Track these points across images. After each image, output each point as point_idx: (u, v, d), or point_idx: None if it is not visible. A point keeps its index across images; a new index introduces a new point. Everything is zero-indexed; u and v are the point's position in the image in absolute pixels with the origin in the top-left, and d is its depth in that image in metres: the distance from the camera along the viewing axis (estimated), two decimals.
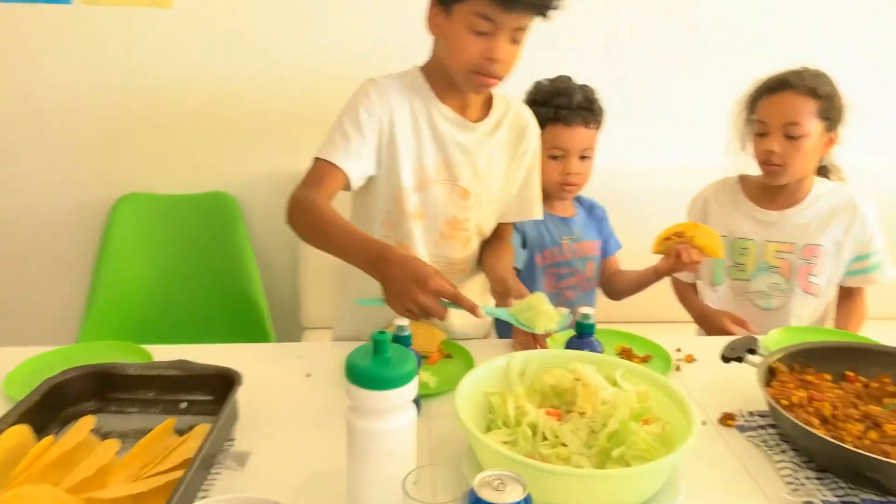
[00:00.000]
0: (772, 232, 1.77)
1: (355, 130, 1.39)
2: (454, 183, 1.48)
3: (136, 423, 1.16)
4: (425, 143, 1.45)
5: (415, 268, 1.14)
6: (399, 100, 1.43)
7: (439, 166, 1.47)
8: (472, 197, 1.50)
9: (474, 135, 1.48)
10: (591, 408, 1.03)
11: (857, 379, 1.25)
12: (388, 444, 0.86)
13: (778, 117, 1.66)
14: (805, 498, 1.00)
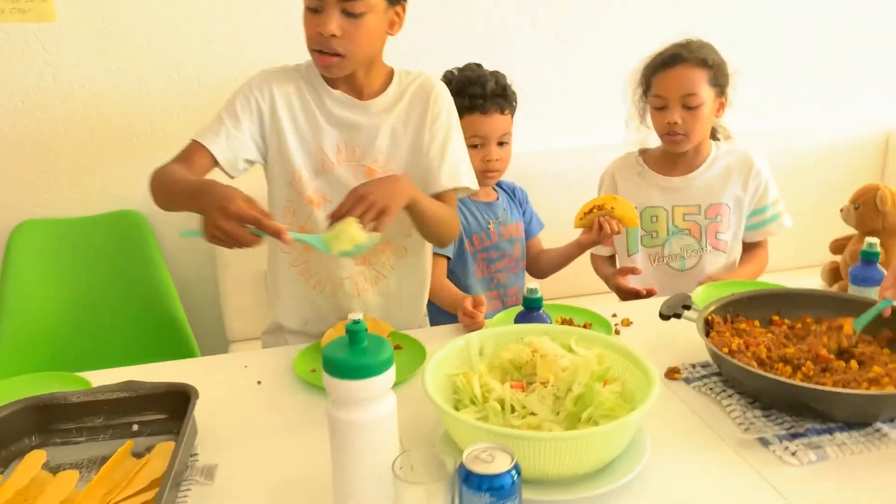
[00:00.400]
0: (677, 197, 1.86)
1: (230, 116, 1.42)
2: (357, 163, 1.48)
3: (86, 452, 1.11)
4: (321, 127, 1.46)
5: (221, 193, 1.14)
6: (286, 87, 1.46)
7: (338, 149, 1.47)
8: (377, 174, 1.48)
9: (370, 113, 1.47)
10: (552, 376, 1.06)
11: (782, 322, 1.34)
12: (373, 433, 0.86)
13: (675, 90, 1.75)
14: (757, 434, 1.07)
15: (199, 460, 1.08)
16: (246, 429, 1.17)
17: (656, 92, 1.78)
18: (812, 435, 1.07)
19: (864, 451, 1.04)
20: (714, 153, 1.87)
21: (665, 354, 1.33)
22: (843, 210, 1.59)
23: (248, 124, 1.43)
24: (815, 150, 2.56)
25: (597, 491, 0.94)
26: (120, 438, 1.13)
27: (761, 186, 1.85)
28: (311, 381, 1.28)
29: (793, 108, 2.64)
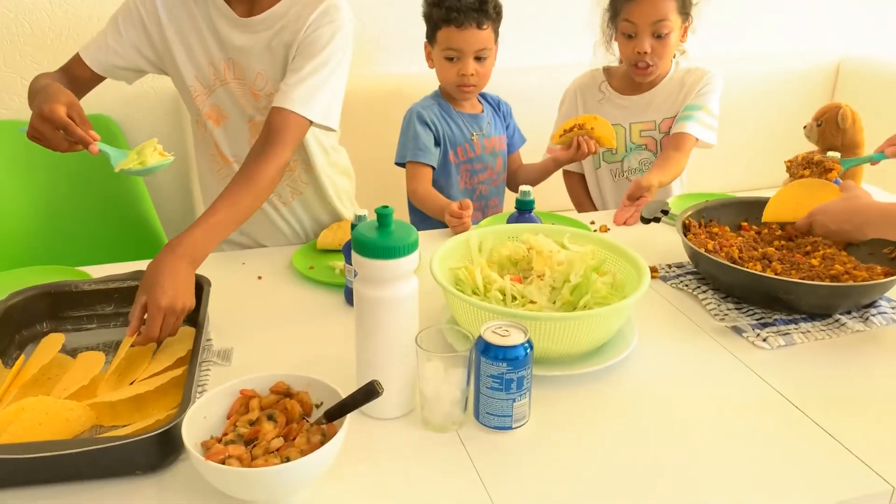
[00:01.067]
0: (635, 114, 1.93)
1: (111, 30, 1.41)
2: (242, 83, 1.44)
3: (98, 337, 1.15)
4: (207, 42, 1.42)
5: (46, 95, 1.15)
6: (175, 2, 1.40)
7: (224, 66, 1.43)
8: (262, 98, 1.44)
9: (248, 31, 1.40)
10: (548, 270, 1.14)
11: (750, 227, 1.45)
12: (399, 309, 0.92)
13: (646, 17, 1.78)
14: (731, 323, 1.18)
15: (213, 344, 1.13)
16: (253, 317, 1.22)
17: (627, 17, 1.79)
18: (780, 324, 1.18)
19: (825, 338, 1.16)
20: (672, 72, 1.92)
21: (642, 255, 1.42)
22: (806, 127, 1.69)
23: (129, 40, 1.40)
24: (771, 76, 2.66)
25: (593, 368, 1.04)
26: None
27: (704, 90, 1.88)
28: (311, 277, 1.34)
29: (751, 36, 2.73)
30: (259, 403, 0.88)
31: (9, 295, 1.12)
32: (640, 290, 1.05)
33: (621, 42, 1.85)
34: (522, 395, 0.92)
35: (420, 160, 1.76)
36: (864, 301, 1.21)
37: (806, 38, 2.81)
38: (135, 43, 1.41)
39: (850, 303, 1.20)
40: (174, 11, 1.40)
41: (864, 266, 1.27)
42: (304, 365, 1.07)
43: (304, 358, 1.10)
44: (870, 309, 1.22)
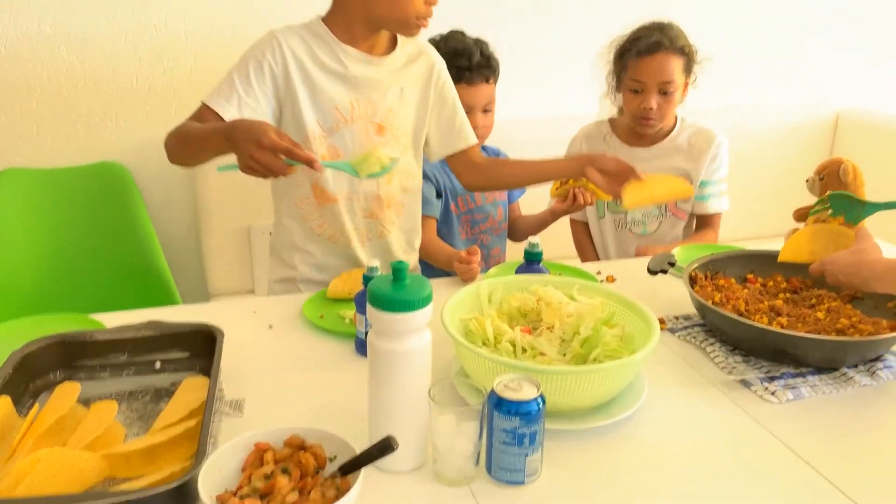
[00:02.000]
0: (641, 166, 1.94)
1: (241, 81, 1.45)
2: (369, 120, 1.54)
3: (111, 387, 1.16)
4: (335, 85, 1.51)
5: (253, 127, 1.22)
6: (298, 47, 1.49)
7: (351, 105, 1.52)
8: (387, 132, 1.56)
9: (383, 69, 1.54)
10: (558, 322, 1.15)
11: (756, 280, 1.46)
12: (412, 362, 0.93)
13: (654, 77, 1.83)
14: (739, 376, 1.19)
15: (225, 395, 1.14)
16: (265, 367, 1.23)
17: (635, 76, 1.85)
18: (788, 378, 1.19)
19: (833, 392, 1.16)
20: (678, 128, 1.97)
21: (649, 307, 1.43)
22: (808, 180, 1.72)
23: (260, 90, 1.46)
24: (771, 128, 2.71)
25: (604, 422, 1.04)
26: (143, 375, 1.18)
27: (716, 161, 1.95)
28: (322, 326, 1.35)
29: (752, 88, 2.78)
30: (273, 457, 0.89)
31: (25, 344, 1.13)
32: (651, 344, 1.06)
33: (627, 97, 1.89)
34: (535, 450, 0.93)
35: (423, 213, 1.80)
36: (870, 355, 1.22)
37: (805, 90, 2.86)
38: (265, 93, 1.47)
39: (857, 357, 1.21)
40: (300, 59, 1.48)
41: (869, 320, 1.28)
42: (315, 416, 1.09)
43: (315, 408, 1.11)
44: (876, 363, 1.23)
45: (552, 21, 2.51)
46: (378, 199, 1.61)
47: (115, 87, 2.14)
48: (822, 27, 2.82)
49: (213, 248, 2.23)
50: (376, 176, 1.32)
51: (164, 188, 2.26)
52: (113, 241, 2.14)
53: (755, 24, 2.73)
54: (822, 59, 2.86)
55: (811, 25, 2.81)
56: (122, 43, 2.10)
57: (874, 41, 2.90)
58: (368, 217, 1.61)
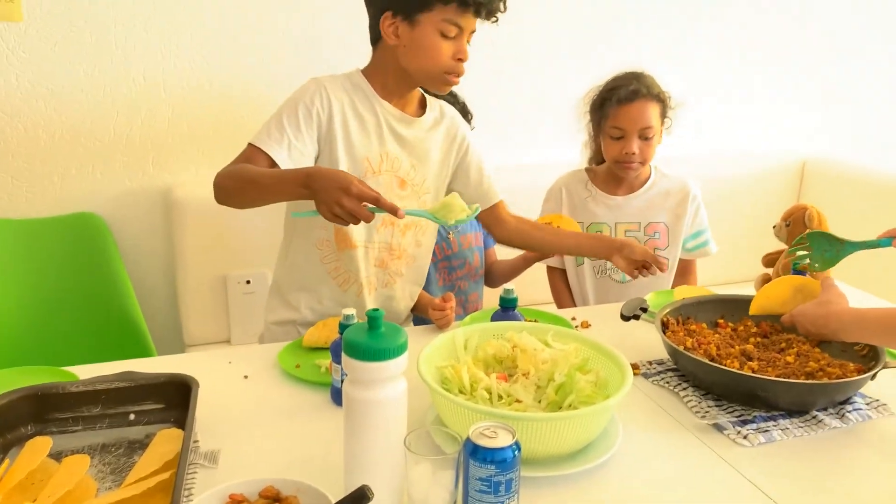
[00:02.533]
0: (620, 214, 2.01)
1: (291, 125, 1.48)
2: (394, 173, 1.58)
3: (84, 440, 1.14)
4: (369, 137, 1.55)
5: (338, 176, 1.26)
6: (341, 97, 1.54)
7: (381, 158, 1.57)
8: (408, 186, 1.61)
9: (415, 129, 1.61)
10: (533, 368, 1.16)
11: (726, 325, 1.49)
12: (387, 411, 0.94)
13: (634, 124, 1.89)
14: (713, 421, 1.20)
15: (200, 446, 1.13)
16: (240, 418, 1.22)
17: (616, 124, 1.91)
18: (760, 421, 1.20)
19: (804, 434, 1.18)
20: (654, 176, 2.03)
21: (623, 353, 1.45)
22: (775, 227, 1.76)
23: (308, 135, 1.49)
24: (739, 175, 2.78)
25: (579, 468, 1.05)
26: (117, 427, 1.17)
27: (698, 212, 2.02)
28: (297, 376, 1.35)
29: (720, 137, 2.86)
30: None
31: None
32: (624, 389, 1.07)
33: (608, 143, 1.94)
34: (511, 497, 0.93)
35: None
36: (839, 398, 1.24)
37: (773, 138, 2.95)
38: (312, 138, 1.51)
39: (826, 399, 1.23)
40: (343, 108, 1.53)
41: (836, 363, 1.31)
42: (291, 466, 1.08)
43: (291, 459, 1.10)
44: (845, 405, 1.25)
45: (522, 73, 2.57)
46: (390, 249, 1.64)
47: (92, 138, 2.15)
48: (790, 77, 2.91)
49: (189, 299, 2.22)
50: (462, 223, 1.34)
51: (140, 239, 2.25)
52: (89, 291, 2.13)
53: (724, 72, 2.82)
54: (790, 108, 2.95)
55: (779, 75, 2.90)
56: (99, 95, 2.12)
57: (841, 91, 2.99)
58: (379, 266, 1.64)
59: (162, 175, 2.23)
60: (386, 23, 1.49)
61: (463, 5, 1.44)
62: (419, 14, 1.45)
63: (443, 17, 1.45)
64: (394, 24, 1.48)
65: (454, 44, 1.48)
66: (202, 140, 2.24)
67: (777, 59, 2.87)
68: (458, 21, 1.45)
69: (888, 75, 3.03)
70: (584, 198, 2.03)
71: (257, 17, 2.21)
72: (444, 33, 1.46)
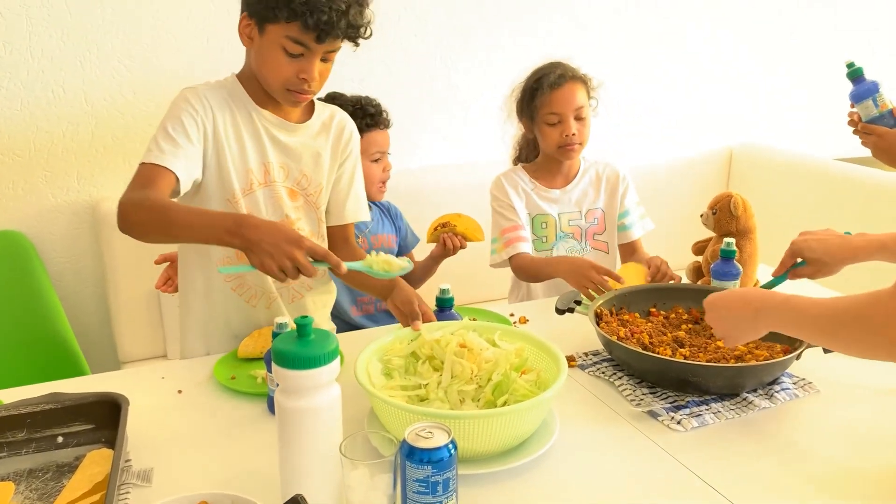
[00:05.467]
0: (560, 206, 2.04)
1: (181, 134, 1.39)
2: (282, 183, 1.52)
3: (9, 466, 1.10)
4: (248, 147, 1.48)
5: (285, 229, 1.22)
6: (219, 105, 1.46)
7: (265, 169, 1.50)
8: (300, 197, 1.55)
9: (298, 136, 1.53)
10: (476, 367, 1.17)
11: (658, 313, 1.52)
12: (321, 419, 0.93)
13: (569, 106, 1.92)
14: (647, 408, 1.23)
15: (132, 465, 1.10)
16: (174, 434, 1.20)
17: (552, 110, 1.92)
18: (692, 406, 1.23)
19: (735, 416, 1.21)
20: (584, 165, 2.06)
21: (560, 346, 1.46)
22: (702, 215, 1.80)
23: (198, 143, 1.42)
24: (668, 164, 2.84)
25: (517, 462, 1.06)
26: (44, 451, 1.13)
27: (626, 192, 2.04)
28: (233, 388, 1.33)
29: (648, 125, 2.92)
30: None
31: None
32: (557, 384, 1.08)
33: (546, 131, 1.95)
34: (449, 497, 0.93)
35: None
36: (767, 379, 1.28)
37: (701, 127, 3.02)
38: (199, 146, 1.42)
39: (755, 381, 1.27)
40: (224, 116, 1.46)
41: (764, 345, 1.35)
42: (228, 481, 1.06)
43: (228, 473, 1.08)
44: (774, 386, 1.29)
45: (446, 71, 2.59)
46: None
47: (10, 154, 2.07)
48: (717, 64, 2.99)
49: (122, 315, 2.16)
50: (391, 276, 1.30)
51: (67, 256, 2.18)
52: (16, 312, 2.05)
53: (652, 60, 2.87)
54: (718, 97, 3.02)
55: (707, 63, 2.97)
56: (16, 108, 2.05)
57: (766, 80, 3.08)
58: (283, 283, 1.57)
59: (88, 189, 2.17)
60: (243, 23, 1.43)
61: (304, 27, 1.35)
62: (266, 24, 1.38)
63: (286, 34, 1.36)
64: (249, 27, 1.42)
65: (299, 62, 1.39)
66: (129, 151, 2.19)
67: (704, 45, 2.94)
68: (304, 41, 1.37)
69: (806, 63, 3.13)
70: (526, 192, 2.04)
71: (177, 20, 2.16)
72: (288, 50, 1.38)
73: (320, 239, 1.60)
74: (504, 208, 2.02)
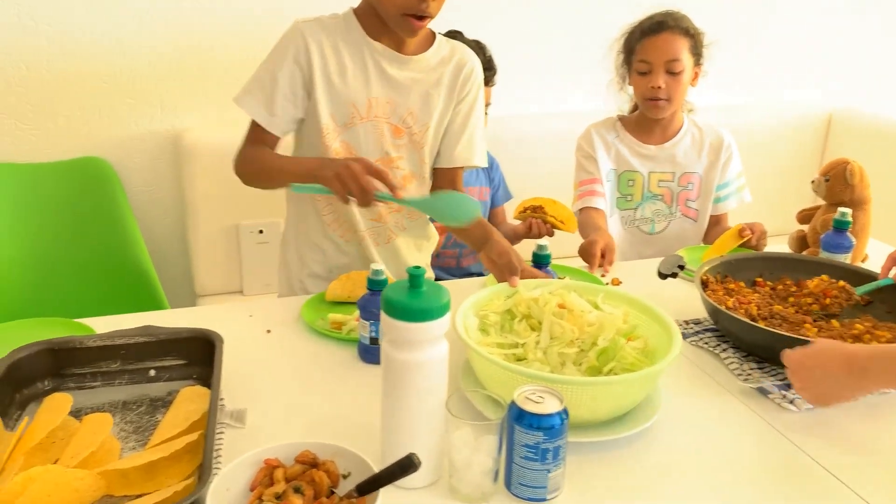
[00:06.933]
0: (653, 164, 1.94)
1: (272, 81, 1.43)
2: (386, 119, 1.48)
3: (103, 397, 1.10)
4: (353, 81, 1.45)
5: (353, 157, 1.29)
6: (321, 39, 1.43)
7: (370, 103, 1.46)
8: (404, 134, 1.50)
9: (410, 70, 1.47)
10: (578, 329, 1.11)
11: (765, 283, 1.43)
12: (429, 373, 0.89)
13: (660, 55, 1.81)
14: (756, 384, 1.16)
15: (225, 405, 1.08)
16: (264, 374, 1.18)
17: (642, 57, 1.83)
18: None
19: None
20: (686, 125, 1.95)
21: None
22: (813, 182, 1.69)
23: (291, 85, 1.43)
24: (763, 127, 2.69)
25: (623, 434, 1.00)
26: (137, 383, 1.12)
27: (730, 160, 1.94)
28: (321, 331, 1.30)
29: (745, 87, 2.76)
30: (284, 474, 0.84)
31: (11, 352, 1.07)
32: (672, 354, 1.02)
33: (636, 80, 1.86)
34: (558, 465, 0.88)
35: None
36: None
37: (798, 89, 2.85)
38: (295, 93, 1.45)
39: None
40: (322, 51, 1.43)
41: (884, 325, 1.26)
42: (321, 427, 1.04)
43: (320, 419, 1.06)
44: None
45: (548, 15, 2.47)
46: (386, 204, 1.53)
47: (96, 79, 2.06)
48: (816, 25, 2.80)
49: (201, 247, 2.16)
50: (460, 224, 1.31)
51: (148, 185, 2.18)
52: (96, 239, 2.07)
53: (748, 20, 2.71)
54: (817, 58, 2.84)
55: (806, 23, 2.79)
56: (101, 32, 2.02)
57: (868, 41, 2.89)
58: (375, 220, 1.55)
59: (170, 119, 2.15)
60: None
61: None
62: None
63: None
64: None
65: None
66: (212, 85, 2.15)
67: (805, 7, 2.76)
68: None
69: None
70: (615, 145, 1.95)
71: None
72: None
73: (422, 180, 1.56)
74: (586, 159, 1.95)
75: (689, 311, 1.40)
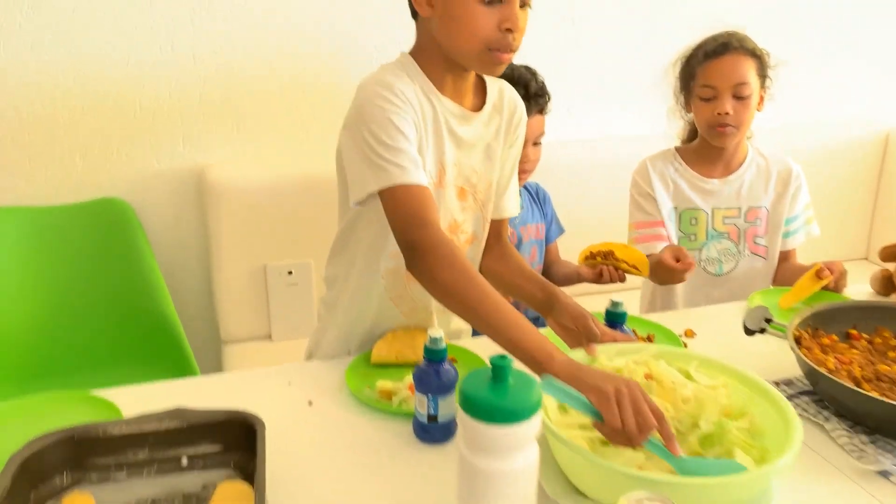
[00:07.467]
0: (717, 199, 1.79)
1: (403, 139, 1.16)
2: (452, 184, 1.30)
3: (129, 492, 0.96)
4: (429, 144, 1.25)
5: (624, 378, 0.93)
6: (413, 97, 1.22)
7: (440, 168, 1.28)
8: (469, 196, 1.33)
9: (473, 126, 1.29)
10: (671, 406, 0.97)
11: (860, 336, 1.28)
12: (515, 485, 0.75)
13: (726, 79, 1.67)
14: (875, 465, 1.01)
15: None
16: (311, 461, 1.04)
17: (706, 82, 1.69)
18: None
19: None
20: (751, 154, 1.81)
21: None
22: None
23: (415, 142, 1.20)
24: (817, 147, 2.54)
25: None
26: (168, 474, 0.99)
27: (798, 192, 1.80)
28: (369, 403, 1.16)
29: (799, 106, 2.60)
30: None
31: (27, 444, 0.93)
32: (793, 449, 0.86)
33: (699, 107, 1.72)
34: None
35: None
36: None
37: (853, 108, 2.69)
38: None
39: None
40: (418, 111, 1.22)
41: None
42: None
43: None
44: None
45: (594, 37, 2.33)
46: None
47: (116, 114, 1.94)
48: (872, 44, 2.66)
49: (226, 291, 2.03)
50: None
51: (170, 225, 2.06)
52: (115, 285, 1.95)
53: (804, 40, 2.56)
54: (873, 76, 2.69)
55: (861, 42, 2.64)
56: (123, 66, 1.91)
57: None
58: None
59: (193, 155, 2.03)
60: None
61: None
62: None
63: None
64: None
65: (499, 10, 1.14)
66: (237, 116, 2.03)
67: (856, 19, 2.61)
68: None
69: None
70: (674, 180, 1.80)
71: None
72: None
73: (480, 241, 1.40)
74: (643, 197, 1.79)
75: (777, 368, 1.25)
